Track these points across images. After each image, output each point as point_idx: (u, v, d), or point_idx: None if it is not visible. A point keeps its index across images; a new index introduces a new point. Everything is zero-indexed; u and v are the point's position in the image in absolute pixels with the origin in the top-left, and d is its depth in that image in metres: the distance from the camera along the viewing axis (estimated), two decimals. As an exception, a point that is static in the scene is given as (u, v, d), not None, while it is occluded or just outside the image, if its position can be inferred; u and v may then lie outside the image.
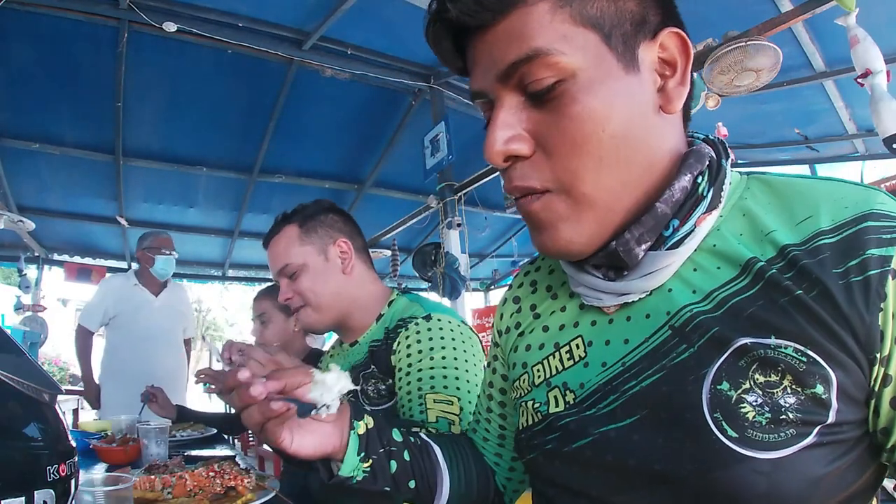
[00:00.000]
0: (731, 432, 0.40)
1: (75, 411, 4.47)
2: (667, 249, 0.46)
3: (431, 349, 0.99)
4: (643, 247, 0.46)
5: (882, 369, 0.40)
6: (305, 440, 0.54)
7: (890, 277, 0.39)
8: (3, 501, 0.48)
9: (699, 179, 0.47)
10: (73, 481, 0.58)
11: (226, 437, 1.67)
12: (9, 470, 0.50)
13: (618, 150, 0.44)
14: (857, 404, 0.40)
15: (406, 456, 0.62)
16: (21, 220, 3.42)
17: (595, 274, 0.49)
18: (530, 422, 0.55)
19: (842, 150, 3.98)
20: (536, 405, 0.54)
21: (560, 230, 0.46)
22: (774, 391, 0.40)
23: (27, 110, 3.10)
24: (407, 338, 1.02)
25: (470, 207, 3.86)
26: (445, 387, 0.96)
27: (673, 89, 0.46)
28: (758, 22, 1.96)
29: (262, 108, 3.36)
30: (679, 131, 0.49)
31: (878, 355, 0.40)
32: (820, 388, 0.39)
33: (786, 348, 0.40)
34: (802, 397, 0.40)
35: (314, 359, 1.87)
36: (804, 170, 4.44)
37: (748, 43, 1.92)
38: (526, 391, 0.57)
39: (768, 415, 0.40)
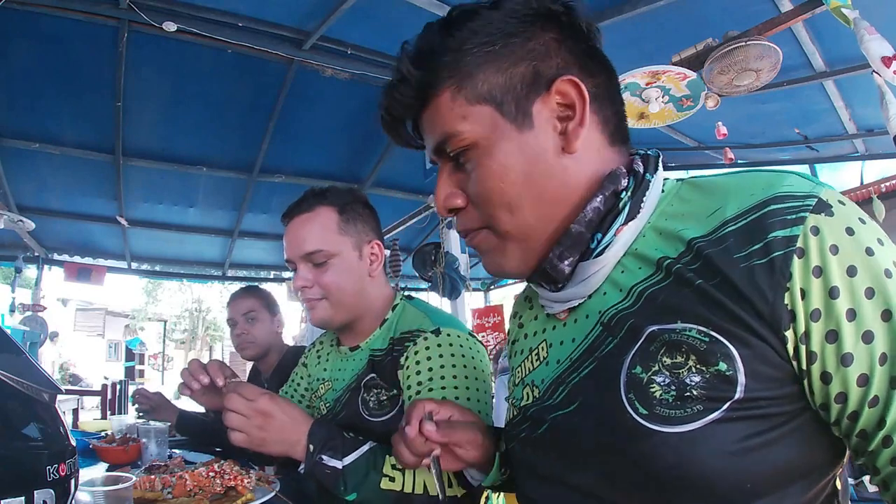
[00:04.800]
0: (641, 410, 0.45)
1: (75, 411, 4.47)
2: (594, 258, 0.53)
3: (443, 367, 0.96)
4: (566, 262, 0.53)
5: (804, 347, 0.42)
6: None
7: (795, 257, 0.41)
8: (3, 501, 0.48)
9: (623, 195, 0.53)
10: (73, 481, 0.58)
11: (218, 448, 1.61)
12: (9, 470, 0.50)
13: (522, 195, 0.52)
14: (774, 381, 0.42)
15: None
16: (21, 220, 3.42)
17: (545, 287, 0.58)
18: (511, 416, 0.63)
19: (842, 150, 3.98)
20: (515, 401, 0.63)
21: (493, 257, 0.57)
22: (680, 371, 0.44)
23: (27, 110, 3.10)
24: (416, 353, 0.99)
25: (470, 207, 3.86)
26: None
27: (572, 131, 0.52)
28: (758, 22, 1.96)
29: (262, 108, 3.35)
30: (597, 157, 0.54)
31: (787, 334, 0.42)
32: (723, 366, 0.42)
33: (689, 331, 0.44)
34: (707, 375, 0.43)
35: (294, 356, 1.81)
36: (804, 170, 4.44)
37: (748, 43, 1.92)
38: (511, 391, 0.66)
39: (674, 392, 0.44)
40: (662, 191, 0.54)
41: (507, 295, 7.95)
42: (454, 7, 0.55)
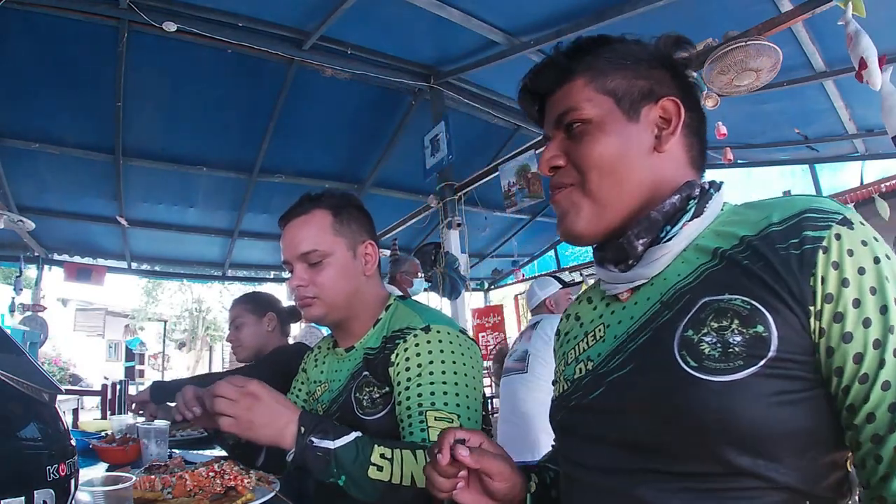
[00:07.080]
0: (692, 363, 0.54)
1: (75, 411, 4.47)
2: (662, 244, 0.64)
3: (431, 363, 0.98)
4: (639, 241, 0.65)
5: (818, 323, 0.52)
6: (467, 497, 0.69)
7: (820, 251, 0.53)
8: (3, 501, 0.48)
9: (692, 200, 0.65)
10: (73, 481, 0.58)
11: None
12: (9, 470, 0.50)
13: (614, 165, 0.66)
14: (799, 347, 0.52)
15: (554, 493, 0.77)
16: (21, 220, 3.42)
17: (613, 270, 0.68)
18: (562, 390, 0.71)
19: (842, 150, 3.98)
20: (567, 376, 0.71)
21: (569, 216, 0.69)
22: (725, 332, 0.54)
23: (27, 110, 3.10)
24: (406, 350, 1.01)
25: (470, 207, 3.86)
26: (446, 403, 0.95)
27: (665, 136, 0.67)
28: (758, 22, 1.96)
29: (262, 108, 3.36)
30: (676, 168, 0.68)
31: (811, 309, 0.52)
32: (760, 328, 0.52)
33: (735, 300, 0.55)
34: (748, 336, 0.52)
35: (299, 354, 1.79)
36: (804, 169, 4.45)
37: (748, 43, 1.92)
38: (561, 371, 0.75)
39: (720, 349, 0.53)
40: (722, 209, 0.67)
41: (507, 295, 7.94)
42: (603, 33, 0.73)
